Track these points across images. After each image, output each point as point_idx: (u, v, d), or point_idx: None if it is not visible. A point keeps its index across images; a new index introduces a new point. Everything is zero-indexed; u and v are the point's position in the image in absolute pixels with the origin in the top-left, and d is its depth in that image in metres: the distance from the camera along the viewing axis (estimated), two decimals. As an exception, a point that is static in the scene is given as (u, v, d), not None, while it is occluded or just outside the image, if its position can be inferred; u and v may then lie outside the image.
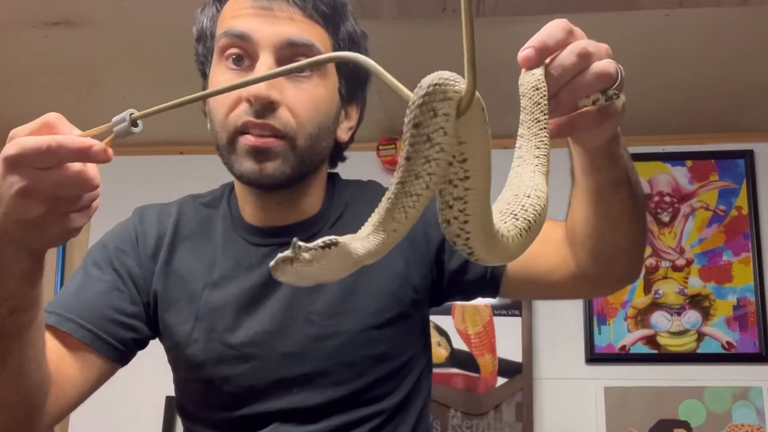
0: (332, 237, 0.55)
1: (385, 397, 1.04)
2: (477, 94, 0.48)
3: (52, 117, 0.67)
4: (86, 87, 2.45)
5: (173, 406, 2.58)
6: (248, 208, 1.07)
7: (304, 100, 0.98)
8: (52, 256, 2.77)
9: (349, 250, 0.55)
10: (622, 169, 0.82)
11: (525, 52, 0.65)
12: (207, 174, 1.52)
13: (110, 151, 0.66)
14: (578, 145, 0.79)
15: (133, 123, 0.68)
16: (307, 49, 0.98)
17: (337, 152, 1.11)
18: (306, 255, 0.54)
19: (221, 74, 1.00)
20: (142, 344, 1.05)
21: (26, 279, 0.74)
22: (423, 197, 0.53)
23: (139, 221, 1.09)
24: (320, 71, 1.00)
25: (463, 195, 0.52)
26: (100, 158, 0.66)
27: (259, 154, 0.96)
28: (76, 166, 0.66)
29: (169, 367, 1.09)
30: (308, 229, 1.05)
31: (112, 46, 2.23)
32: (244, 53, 0.98)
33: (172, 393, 1.13)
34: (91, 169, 0.68)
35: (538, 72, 0.65)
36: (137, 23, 2.10)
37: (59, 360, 0.94)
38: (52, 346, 0.94)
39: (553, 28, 0.66)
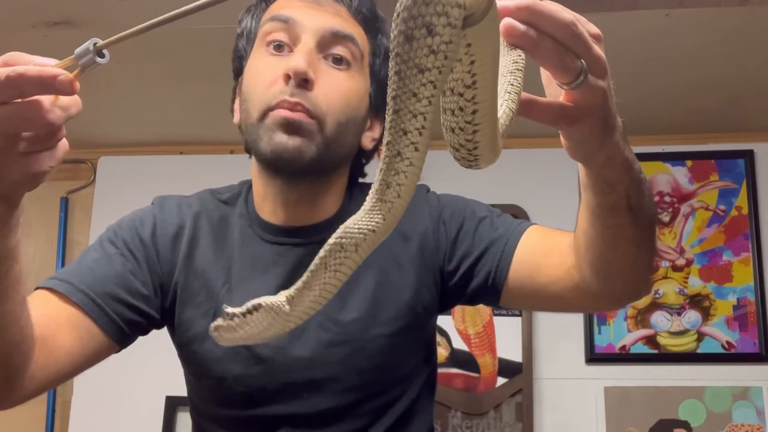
0: (257, 300, 0.57)
1: (392, 405, 1.04)
2: None
3: (12, 53, 0.64)
4: (86, 87, 2.45)
5: (173, 406, 2.59)
6: (267, 205, 1.06)
7: (337, 88, 0.99)
8: (51, 257, 2.77)
9: (276, 308, 0.56)
10: (621, 195, 0.77)
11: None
12: (207, 174, 1.52)
13: (77, 83, 0.63)
14: (570, 155, 0.74)
15: (99, 54, 0.64)
16: (349, 41, 1.00)
17: (358, 162, 1.11)
18: (232, 322, 0.56)
19: (260, 58, 1.01)
20: (144, 330, 1.04)
21: None
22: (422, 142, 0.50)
23: (159, 210, 1.08)
24: (357, 66, 1.02)
25: (470, 106, 0.52)
26: (66, 90, 0.62)
27: (289, 126, 0.96)
28: (28, 99, 0.62)
29: (170, 367, 1.10)
30: (324, 231, 1.04)
31: (112, 46, 2.23)
32: (287, 39, 1.00)
33: (172, 393, 1.14)
34: (50, 104, 0.63)
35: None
36: (137, 23, 2.10)
37: (57, 327, 0.92)
38: (51, 312, 0.93)
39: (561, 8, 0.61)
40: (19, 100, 0.62)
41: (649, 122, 2.56)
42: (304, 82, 0.96)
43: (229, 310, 0.57)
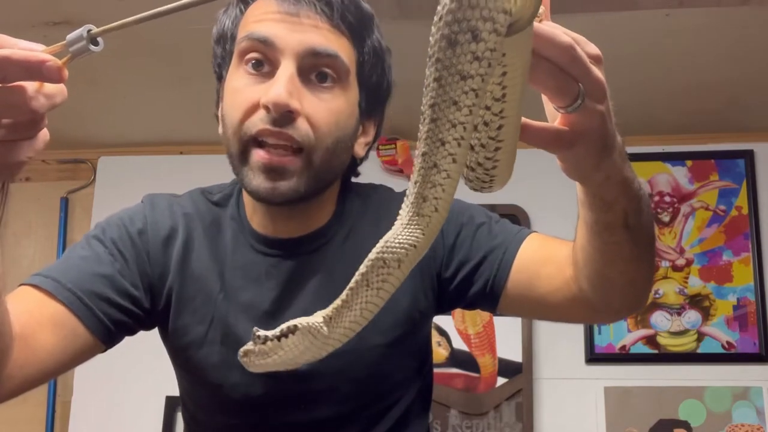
0: (292, 322, 0.53)
1: (389, 410, 1.04)
2: None
3: None
4: (86, 86, 2.45)
5: (173, 406, 2.59)
6: (257, 217, 1.04)
7: (323, 112, 0.95)
8: (51, 257, 2.77)
9: (314, 330, 0.53)
10: (618, 214, 0.76)
11: None
12: (207, 174, 1.52)
13: (65, 71, 0.60)
14: (566, 174, 0.71)
15: (93, 41, 0.61)
16: (330, 60, 0.95)
17: (351, 167, 1.08)
18: (264, 347, 0.53)
19: (239, 78, 0.97)
20: (131, 331, 1.01)
21: None
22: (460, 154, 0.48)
23: (150, 210, 1.05)
24: (342, 83, 0.97)
25: (496, 120, 0.50)
26: (53, 77, 0.59)
27: (272, 171, 0.93)
28: (10, 85, 0.59)
29: (170, 368, 1.09)
30: (315, 241, 1.03)
31: (112, 46, 2.23)
32: (265, 59, 0.95)
33: (172, 393, 1.12)
34: (34, 91, 0.60)
35: None
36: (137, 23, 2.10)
37: (38, 325, 0.90)
38: (33, 309, 0.90)
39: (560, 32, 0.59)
40: (1, 85, 0.59)
41: (649, 122, 2.56)
42: (287, 114, 0.92)
43: (261, 333, 0.54)
